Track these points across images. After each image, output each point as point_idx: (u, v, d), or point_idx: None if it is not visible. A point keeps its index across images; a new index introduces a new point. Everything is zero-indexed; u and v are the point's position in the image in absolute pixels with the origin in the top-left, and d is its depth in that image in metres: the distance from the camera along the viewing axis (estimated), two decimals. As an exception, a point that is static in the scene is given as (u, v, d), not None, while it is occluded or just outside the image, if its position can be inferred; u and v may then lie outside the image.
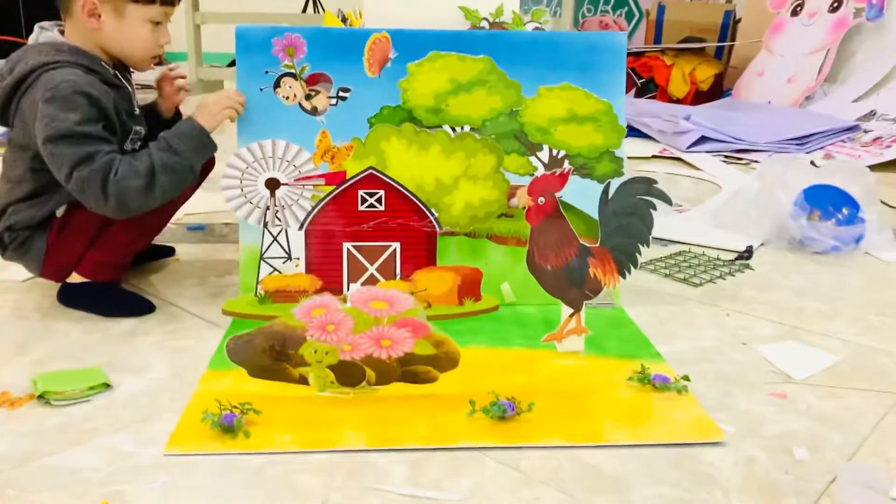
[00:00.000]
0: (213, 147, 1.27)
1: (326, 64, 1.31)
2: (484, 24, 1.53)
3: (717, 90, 3.87)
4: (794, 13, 3.64)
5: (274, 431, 0.96)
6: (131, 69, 1.33)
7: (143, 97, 1.38)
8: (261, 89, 1.30)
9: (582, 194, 1.32)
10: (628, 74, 3.92)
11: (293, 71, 1.30)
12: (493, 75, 1.34)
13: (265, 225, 1.30)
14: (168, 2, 1.26)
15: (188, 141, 1.23)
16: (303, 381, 1.03)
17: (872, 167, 2.34)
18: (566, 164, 1.35)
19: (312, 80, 1.30)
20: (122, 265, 1.35)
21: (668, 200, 1.21)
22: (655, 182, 1.22)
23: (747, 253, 1.69)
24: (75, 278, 1.30)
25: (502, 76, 1.35)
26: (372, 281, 1.32)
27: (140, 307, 1.31)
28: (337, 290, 1.30)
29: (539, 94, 1.35)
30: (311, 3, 4.78)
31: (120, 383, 1.08)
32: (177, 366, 1.14)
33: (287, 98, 1.30)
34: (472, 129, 1.34)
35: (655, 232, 1.77)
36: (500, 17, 1.54)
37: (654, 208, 1.21)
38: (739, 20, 4.05)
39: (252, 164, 1.29)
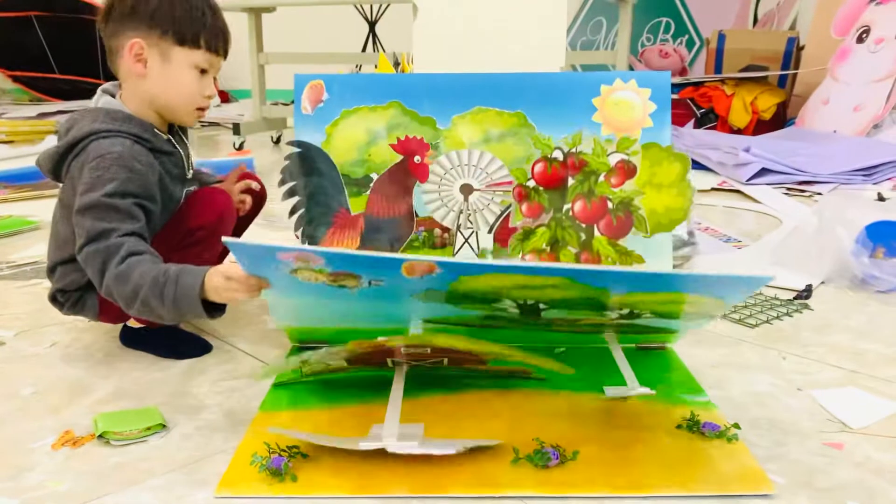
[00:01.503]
0: (201, 318, 1.12)
1: (352, 270, 1.03)
2: (557, 153, 1.36)
3: (780, 119, 3.79)
4: (860, 40, 3.56)
5: (320, 476, 0.97)
6: (185, 129, 1.36)
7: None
8: (276, 270, 1.03)
9: None
10: (687, 105, 3.87)
11: (311, 268, 1.02)
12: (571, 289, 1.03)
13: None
14: (213, 49, 1.26)
15: (179, 299, 1.09)
16: None
17: (943, 200, 2.27)
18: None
19: (337, 276, 1.04)
20: None
21: None
22: None
23: (806, 292, 1.65)
24: (134, 323, 1.35)
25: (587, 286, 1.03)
26: None
27: (197, 348, 1.36)
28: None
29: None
30: (370, 43, 4.90)
31: (175, 423, 1.12)
32: (231, 406, 1.17)
33: (309, 279, 1.04)
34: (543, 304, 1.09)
35: (711, 270, 1.76)
36: (578, 145, 1.35)
37: None
38: (803, 47, 3.97)
39: None
